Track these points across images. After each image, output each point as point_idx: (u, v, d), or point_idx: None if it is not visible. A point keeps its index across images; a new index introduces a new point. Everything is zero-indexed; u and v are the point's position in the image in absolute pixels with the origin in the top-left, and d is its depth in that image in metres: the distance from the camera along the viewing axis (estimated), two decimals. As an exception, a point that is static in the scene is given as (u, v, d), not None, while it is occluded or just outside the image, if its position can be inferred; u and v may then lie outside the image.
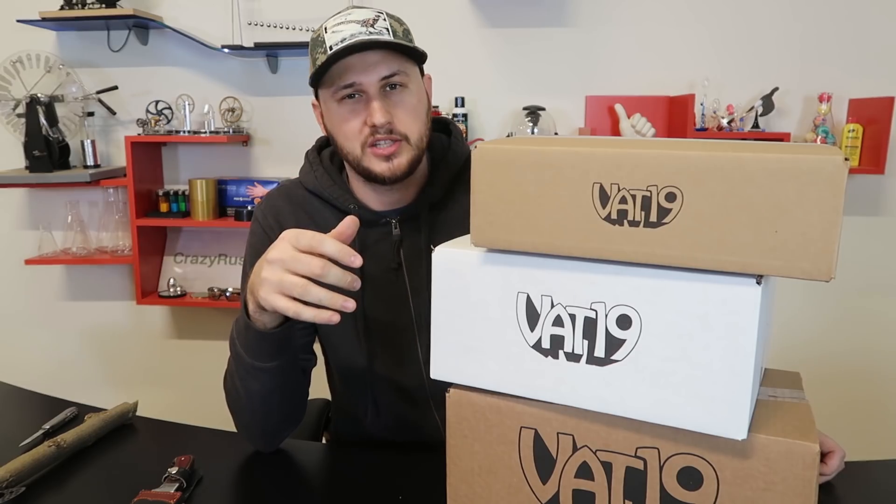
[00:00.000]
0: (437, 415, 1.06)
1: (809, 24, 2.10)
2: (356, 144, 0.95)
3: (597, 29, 2.18)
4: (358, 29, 0.91)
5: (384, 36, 0.91)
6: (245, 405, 0.94)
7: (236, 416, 0.98)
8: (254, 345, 0.87)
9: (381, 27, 0.92)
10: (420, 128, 0.97)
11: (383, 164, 0.95)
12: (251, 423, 0.96)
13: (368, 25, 0.91)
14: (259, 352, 0.87)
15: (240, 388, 0.92)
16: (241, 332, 0.88)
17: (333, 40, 0.91)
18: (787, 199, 0.52)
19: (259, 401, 0.92)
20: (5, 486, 0.86)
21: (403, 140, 0.95)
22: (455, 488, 0.73)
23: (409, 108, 0.95)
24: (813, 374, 0.93)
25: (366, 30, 0.91)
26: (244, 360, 0.88)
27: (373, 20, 0.92)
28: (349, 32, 0.90)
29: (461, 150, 1.07)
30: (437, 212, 1.03)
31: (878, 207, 2.18)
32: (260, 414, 0.94)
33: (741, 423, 0.57)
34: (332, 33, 0.91)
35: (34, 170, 2.17)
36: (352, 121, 0.94)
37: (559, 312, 0.63)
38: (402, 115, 0.94)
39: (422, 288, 1.02)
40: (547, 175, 0.61)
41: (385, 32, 0.92)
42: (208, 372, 2.29)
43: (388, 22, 0.93)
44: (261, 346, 0.87)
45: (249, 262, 1.06)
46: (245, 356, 0.88)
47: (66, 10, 2.10)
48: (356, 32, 0.90)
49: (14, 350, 2.52)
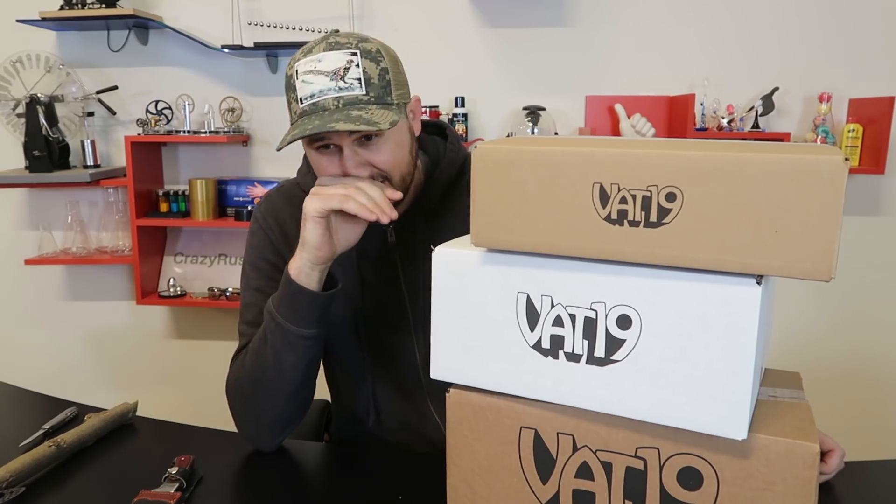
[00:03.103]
0: (436, 415, 1.06)
1: (809, 24, 2.10)
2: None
3: (596, 29, 2.18)
4: (327, 84, 0.86)
5: (354, 90, 0.86)
6: (271, 386, 0.94)
7: (251, 407, 0.97)
8: (302, 311, 0.90)
9: (352, 79, 0.86)
10: (403, 166, 0.95)
11: None
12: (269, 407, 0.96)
13: (338, 79, 0.86)
14: (306, 317, 0.90)
15: (271, 364, 0.93)
16: (285, 303, 0.90)
17: (303, 93, 0.87)
18: (787, 199, 0.52)
19: (290, 374, 0.94)
20: (5, 486, 0.86)
21: (386, 180, 0.93)
22: (455, 488, 0.73)
23: (388, 154, 0.91)
24: (812, 373, 0.93)
25: (335, 85, 0.86)
26: (287, 330, 0.90)
27: (343, 70, 0.86)
28: (318, 87, 0.86)
29: (456, 157, 1.05)
30: (433, 217, 1.03)
31: (878, 207, 2.18)
32: (284, 393, 0.95)
33: (741, 423, 0.57)
34: (302, 83, 0.87)
35: (34, 170, 2.17)
36: (331, 166, 0.92)
37: (559, 312, 0.63)
38: (381, 161, 0.91)
39: (420, 293, 1.02)
40: (547, 175, 0.61)
41: (356, 85, 0.86)
42: (208, 372, 2.30)
43: (362, 66, 0.87)
44: (309, 310, 0.90)
45: (249, 262, 1.06)
46: (290, 326, 0.90)
47: (66, 10, 2.10)
48: (325, 89, 0.86)
49: (14, 350, 2.52)
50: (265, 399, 0.95)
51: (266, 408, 0.96)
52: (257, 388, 0.95)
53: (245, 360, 0.97)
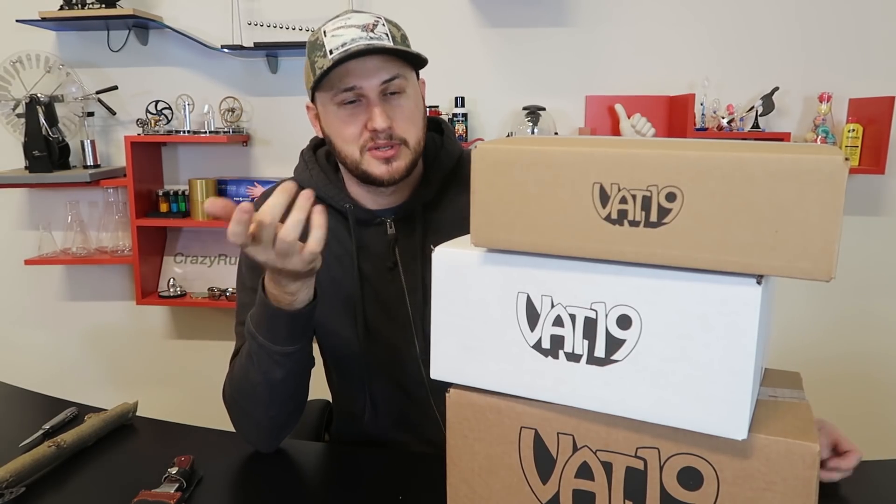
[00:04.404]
0: (437, 413, 1.06)
1: (810, 24, 2.10)
2: (355, 148, 0.96)
3: (597, 29, 2.18)
4: (358, 34, 0.91)
5: (384, 41, 0.92)
6: (263, 398, 0.94)
7: (246, 416, 0.98)
8: (283, 330, 0.88)
9: (381, 32, 0.93)
10: (417, 132, 0.98)
11: (382, 167, 0.95)
12: (264, 416, 0.96)
13: (369, 31, 0.92)
14: (290, 335, 0.89)
15: (260, 381, 0.92)
16: (265, 324, 0.88)
17: (334, 44, 0.91)
18: (787, 199, 0.52)
19: (281, 387, 0.93)
20: (5, 486, 0.86)
21: (402, 144, 0.96)
22: (455, 488, 0.73)
23: (408, 114, 0.96)
24: (812, 373, 0.93)
25: (366, 35, 0.91)
26: (270, 350, 0.89)
27: (372, 25, 0.93)
28: (350, 37, 0.91)
29: (453, 149, 1.08)
30: (432, 211, 1.04)
31: (878, 207, 2.18)
32: (277, 404, 0.95)
33: (741, 423, 0.57)
34: (332, 37, 0.92)
35: (34, 170, 2.17)
36: (351, 125, 0.95)
37: (559, 312, 0.63)
38: (400, 120, 0.95)
39: (418, 286, 1.03)
40: (547, 175, 0.61)
41: (385, 38, 0.92)
42: (208, 372, 2.29)
43: (388, 27, 0.94)
44: (292, 328, 0.88)
45: (245, 261, 1.07)
46: (272, 346, 0.89)
47: (65, 10, 2.10)
48: (357, 37, 0.91)
49: (14, 350, 2.52)
50: (260, 410, 0.95)
51: (261, 417, 0.96)
52: (250, 401, 0.96)
53: (235, 374, 0.97)
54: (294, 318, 0.87)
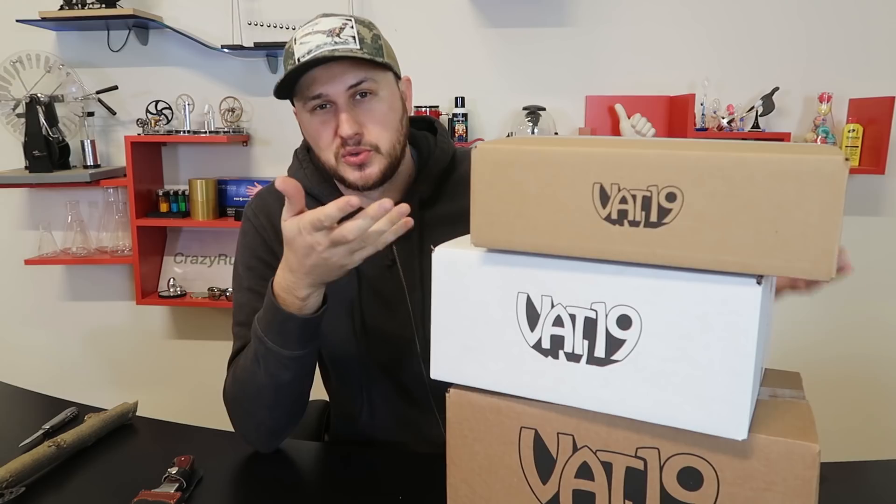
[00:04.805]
0: (437, 413, 1.06)
1: (810, 24, 2.10)
2: (330, 154, 0.96)
3: (596, 29, 2.18)
4: (323, 40, 0.90)
5: (349, 44, 0.90)
6: (268, 400, 0.94)
7: (249, 417, 0.97)
8: (293, 335, 0.88)
9: (348, 36, 0.91)
10: (391, 136, 0.96)
11: (356, 173, 0.95)
12: (267, 418, 0.96)
13: (334, 35, 0.90)
14: (299, 339, 0.89)
15: (267, 384, 0.92)
16: (276, 328, 0.88)
17: (301, 52, 0.90)
18: (787, 200, 0.52)
19: (287, 390, 0.93)
20: (5, 486, 0.86)
21: (374, 150, 0.94)
22: (455, 488, 0.73)
23: (379, 117, 0.94)
24: (813, 373, 0.93)
25: (331, 40, 0.90)
26: (279, 354, 0.89)
27: (339, 29, 0.91)
28: (315, 44, 0.90)
29: (447, 147, 1.08)
30: (428, 209, 1.04)
31: (878, 207, 2.18)
32: (282, 406, 0.95)
33: (741, 424, 0.57)
34: (300, 45, 0.91)
35: (34, 170, 2.17)
36: (323, 132, 0.95)
37: (559, 312, 0.63)
38: (371, 124, 0.94)
39: (417, 284, 1.03)
40: (547, 175, 0.61)
41: (351, 41, 0.91)
42: (208, 372, 2.30)
43: (356, 29, 0.92)
44: (302, 333, 0.88)
45: (241, 261, 1.06)
46: (282, 350, 0.89)
47: (65, 10, 2.10)
48: (321, 43, 0.90)
49: (14, 350, 2.52)
50: (264, 412, 0.95)
51: (264, 418, 0.96)
52: (255, 403, 0.95)
53: (239, 375, 0.97)
54: (305, 324, 0.87)
